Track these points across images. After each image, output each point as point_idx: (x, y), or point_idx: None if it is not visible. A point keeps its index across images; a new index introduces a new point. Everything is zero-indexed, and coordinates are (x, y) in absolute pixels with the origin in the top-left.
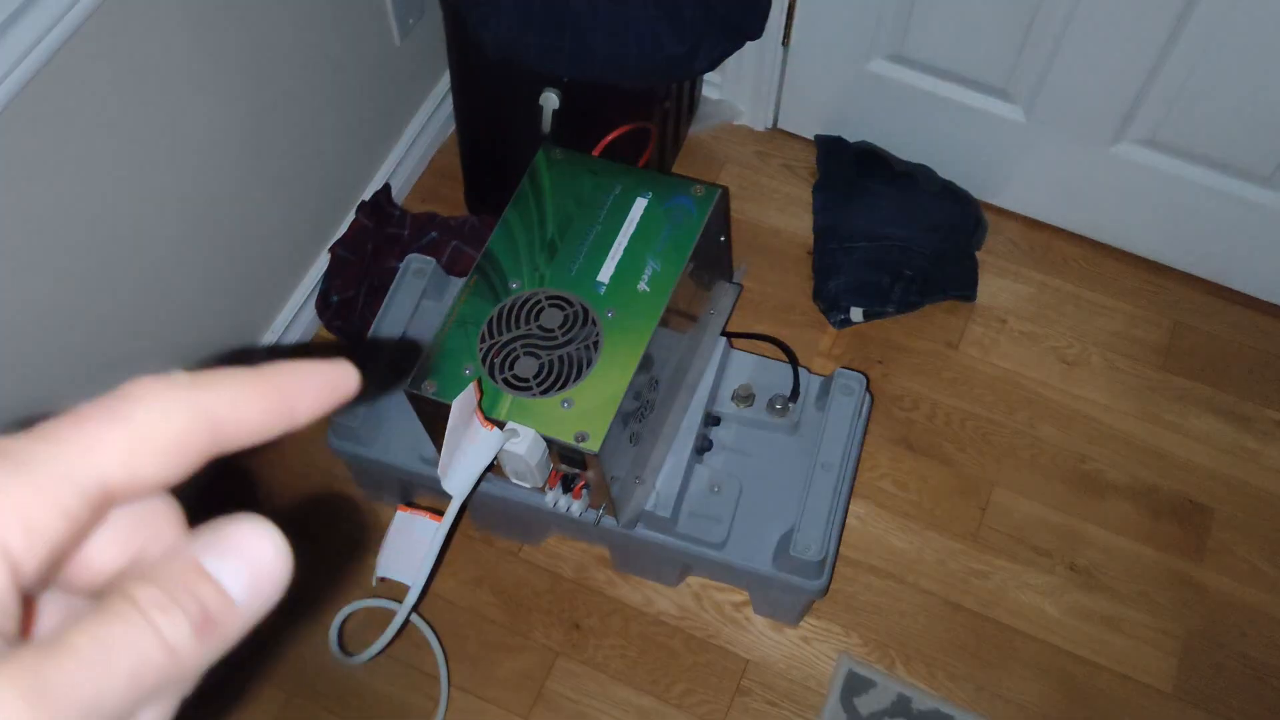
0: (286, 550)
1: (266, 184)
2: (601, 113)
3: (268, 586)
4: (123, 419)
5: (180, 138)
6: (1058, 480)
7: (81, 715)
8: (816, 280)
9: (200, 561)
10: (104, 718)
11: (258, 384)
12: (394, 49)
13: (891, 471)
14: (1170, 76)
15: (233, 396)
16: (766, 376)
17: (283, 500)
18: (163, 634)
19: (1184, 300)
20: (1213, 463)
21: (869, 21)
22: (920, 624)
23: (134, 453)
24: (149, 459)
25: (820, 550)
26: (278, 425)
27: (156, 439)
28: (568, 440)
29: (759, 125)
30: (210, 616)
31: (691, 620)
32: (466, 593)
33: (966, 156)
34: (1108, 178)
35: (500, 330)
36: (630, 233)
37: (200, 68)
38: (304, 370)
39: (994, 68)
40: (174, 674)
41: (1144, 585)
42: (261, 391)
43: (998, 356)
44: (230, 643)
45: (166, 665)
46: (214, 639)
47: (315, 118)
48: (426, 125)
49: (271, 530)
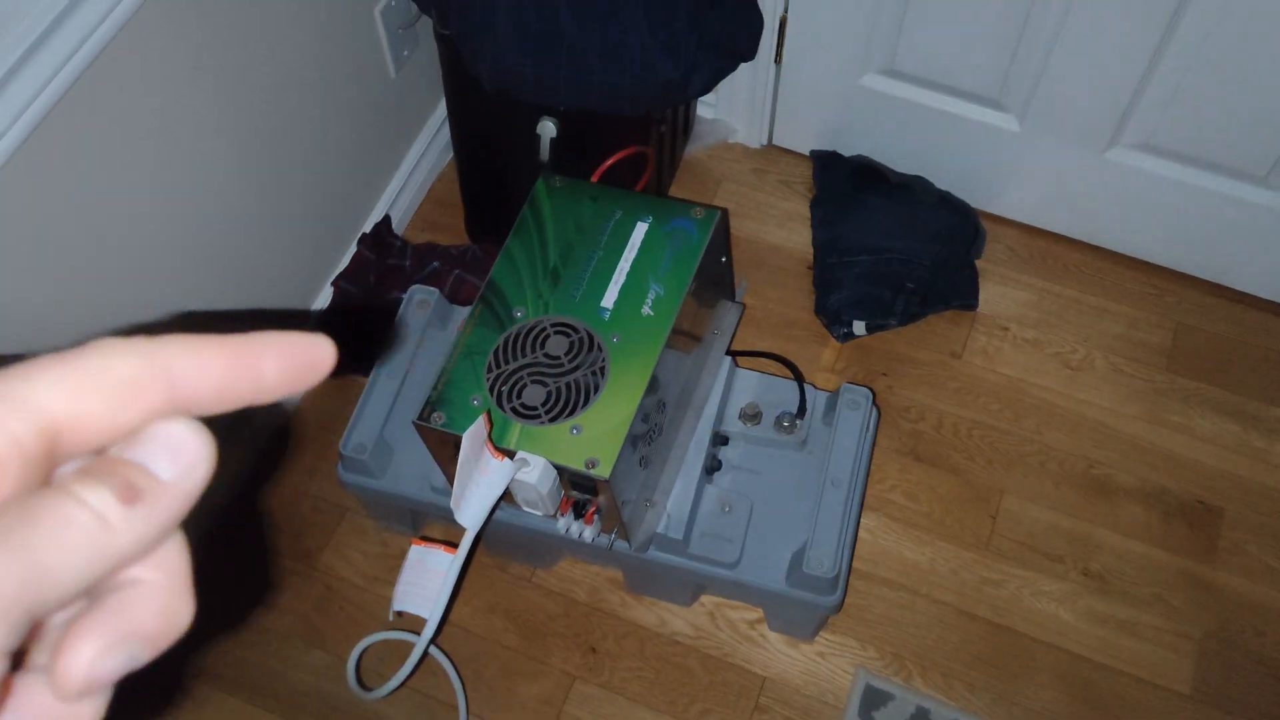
0: (201, 429)
1: (266, 219)
2: (599, 139)
3: (189, 460)
4: (74, 361)
5: (179, 177)
6: (1067, 486)
7: (17, 583)
8: (818, 295)
9: (120, 455)
10: (45, 587)
11: (222, 345)
12: (389, 81)
13: (901, 483)
14: (1162, 80)
15: (193, 353)
16: (772, 394)
17: (296, 535)
18: (87, 503)
19: (1185, 301)
20: (1221, 462)
21: (860, 37)
22: (936, 635)
23: (80, 389)
24: (95, 397)
25: (833, 566)
26: (244, 391)
27: (105, 379)
28: (578, 467)
29: (755, 143)
30: (133, 486)
31: (707, 639)
32: (481, 620)
33: (963, 166)
34: (1104, 183)
35: (506, 359)
36: (632, 257)
37: (196, 107)
38: (275, 338)
39: (986, 78)
40: (109, 542)
41: (1157, 588)
42: (226, 353)
43: (1002, 364)
44: (168, 516)
45: (96, 531)
46: (145, 509)
47: (313, 152)
48: (424, 155)
49: (185, 419)
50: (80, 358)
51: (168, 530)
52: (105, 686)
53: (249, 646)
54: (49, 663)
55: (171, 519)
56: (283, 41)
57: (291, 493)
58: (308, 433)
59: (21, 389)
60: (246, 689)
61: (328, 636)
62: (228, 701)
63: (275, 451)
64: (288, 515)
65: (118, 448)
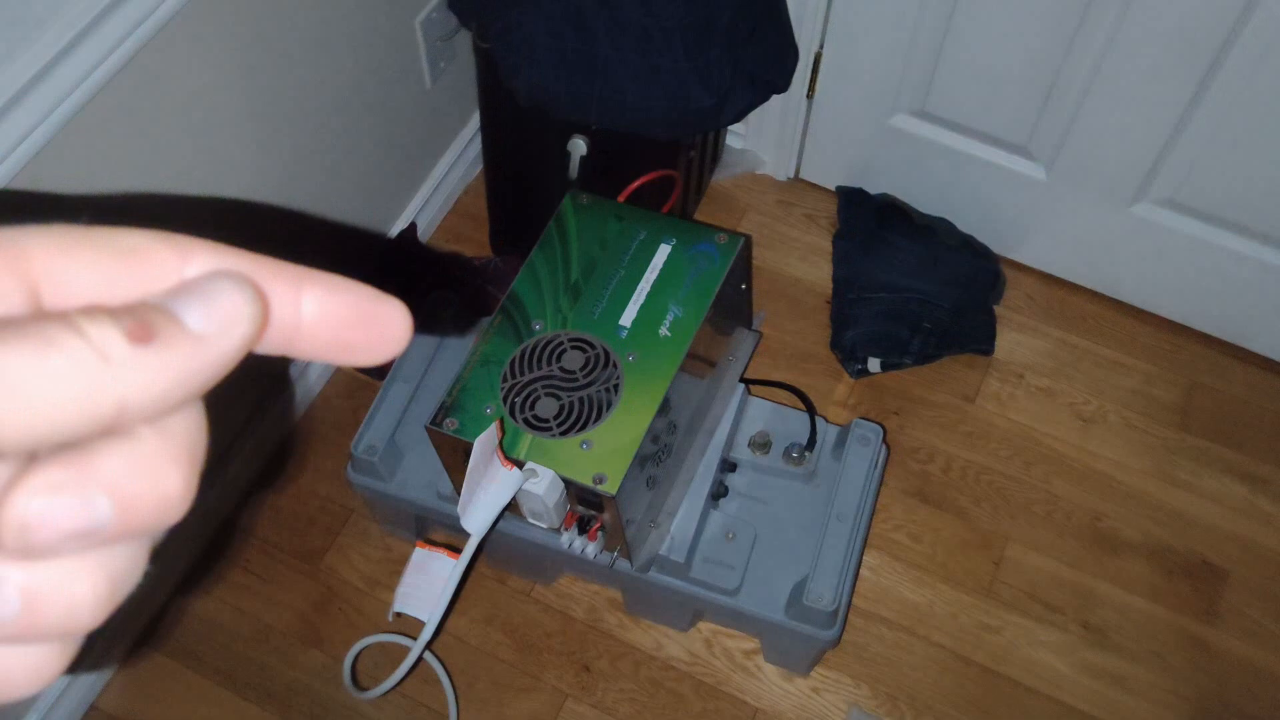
0: (250, 288)
1: (293, 223)
2: (628, 160)
3: (226, 314)
4: (80, 226)
5: (212, 178)
6: (1072, 537)
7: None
8: (834, 330)
9: (144, 300)
10: (14, 410)
11: (253, 256)
12: (425, 92)
13: (906, 523)
14: (1191, 139)
15: (215, 249)
16: (784, 424)
17: (301, 534)
18: (85, 331)
19: (1201, 360)
20: (1227, 524)
21: (893, 77)
22: (931, 677)
23: (74, 244)
24: (89, 255)
25: (833, 600)
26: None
27: (104, 242)
28: (586, 482)
29: (781, 175)
30: (148, 326)
31: (702, 666)
32: (478, 631)
33: (987, 212)
34: (1127, 237)
35: (522, 370)
36: (653, 278)
37: (230, 108)
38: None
39: (1016, 126)
40: (104, 381)
41: (1156, 645)
42: (254, 263)
43: (1014, 411)
44: (187, 371)
45: (90, 363)
46: (158, 354)
47: (344, 158)
48: (453, 166)
49: (235, 274)
50: (92, 227)
51: (185, 391)
52: (55, 541)
53: (248, 641)
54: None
55: (192, 376)
56: (321, 48)
57: (299, 492)
58: (320, 432)
59: (10, 232)
60: (240, 684)
61: (326, 637)
62: (221, 695)
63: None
64: (295, 514)
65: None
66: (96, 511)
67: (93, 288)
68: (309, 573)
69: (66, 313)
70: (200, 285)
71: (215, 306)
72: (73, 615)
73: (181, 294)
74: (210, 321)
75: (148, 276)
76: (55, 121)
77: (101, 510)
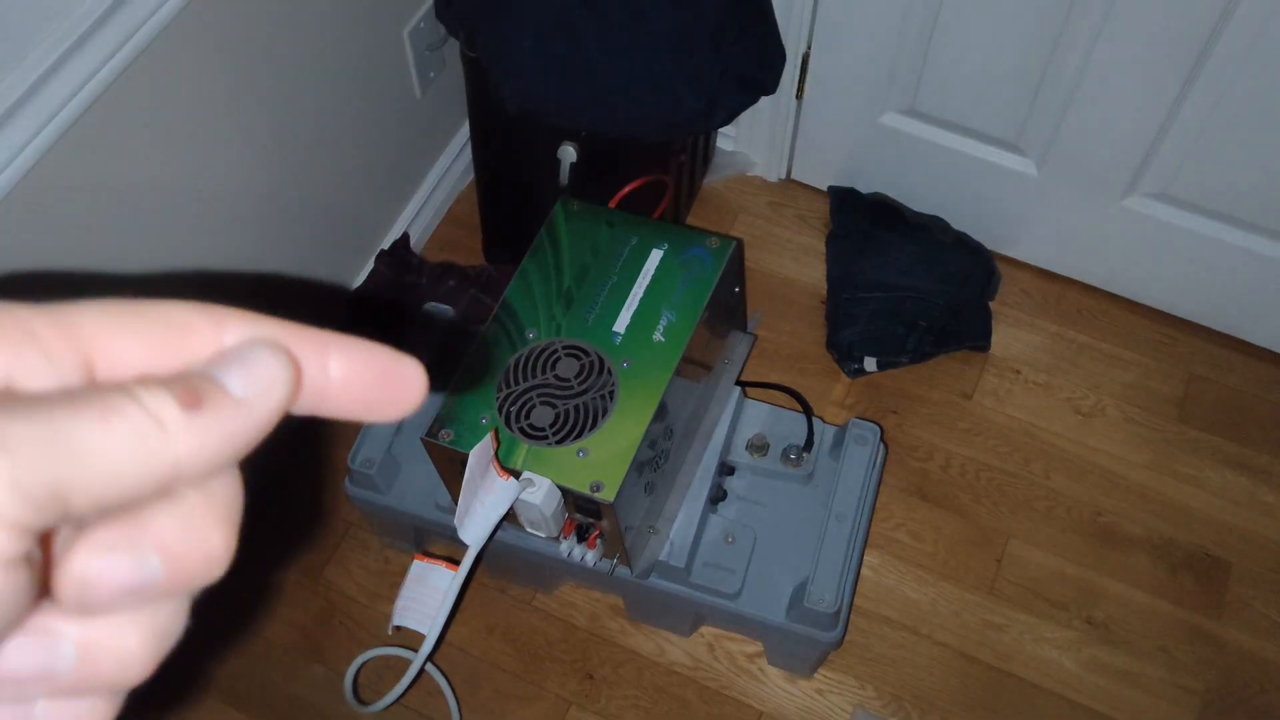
0: (284, 354)
1: (285, 233)
2: (619, 165)
3: (265, 379)
4: (128, 301)
5: (199, 188)
6: (1073, 532)
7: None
8: (830, 330)
9: (190, 369)
10: (79, 473)
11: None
12: (415, 101)
13: (906, 522)
14: (1180, 132)
15: (252, 320)
16: (781, 426)
17: (300, 548)
18: (141, 399)
19: (1199, 352)
20: (1230, 516)
21: (882, 76)
22: (936, 677)
23: (123, 320)
24: (139, 330)
25: (834, 601)
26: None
27: (152, 317)
28: (583, 490)
29: (773, 176)
30: (196, 393)
31: (705, 671)
32: (480, 641)
33: (979, 208)
34: (1120, 230)
35: (517, 379)
36: (646, 284)
37: (220, 118)
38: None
39: (1006, 122)
40: (160, 446)
41: (1162, 640)
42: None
43: (1012, 407)
44: (233, 434)
45: (146, 429)
46: (207, 420)
47: (336, 168)
48: (445, 175)
49: (270, 342)
50: (136, 300)
51: (232, 452)
52: (110, 597)
53: (250, 657)
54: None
55: (236, 439)
56: (311, 59)
57: (297, 506)
58: (317, 446)
59: (65, 307)
60: (243, 700)
61: (327, 650)
62: (225, 712)
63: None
64: (293, 528)
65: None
66: (148, 569)
67: (141, 358)
68: (309, 586)
69: (124, 383)
70: (239, 353)
71: (255, 373)
72: (124, 668)
73: (223, 362)
74: (251, 387)
75: (189, 346)
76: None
77: (153, 568)
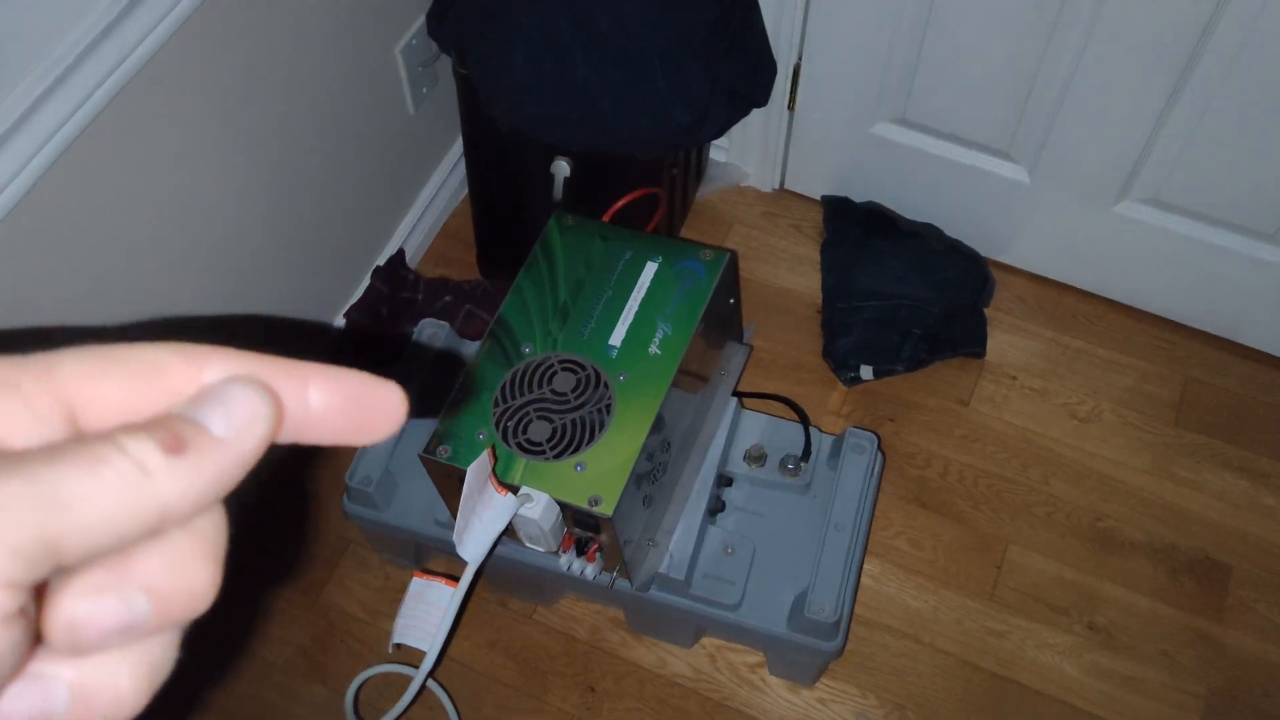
0: (263, 390)
1: (281, 250)
2: (612, 179)
3: (245, 418)
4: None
5: (194, 207)
6: (1073, 538)
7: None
8: (826, 339)
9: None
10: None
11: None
12: (408, 117)
13: (905, 530)
14: (1170, 137)
15: (231, 357)
16: (778, 436)
17: (300, 567)
18: (125, 446)
19: (1195, 356)
20: (1229, 519)
21: (873, 86)
22: (938, 685)
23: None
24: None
25: (835, 611)
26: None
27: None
28: (581, 504)
29: (766, 187)
30: (179, 437)
31: (707, 682)
32: (481, 656)
33: (972, 216)
34: (1113, 236)
35: (513, 394)
36: (641, 297)
37: (215, 136)
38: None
39: (996, 130)
40: (146, 491)
41: (1164, 644)
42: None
43: (1009, 413)
44: (217, 474)
45: (131, 475)
46: (190, 463)
47: (330, 185)
48: (439, 191)
49: (248, 379)
50: (113, 345)
51: (216, 490)
52: (99, 638)
53: (249, 679)
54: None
55: (220, 478)
56: (304, 77)
57: (296, 524)
58: (315, 464)
59: (44, 358)
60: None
61: (328, 670)
62: None
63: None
64: (292, 547)
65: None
66: (136, 609)
67: (122, 402)
68: (309, 605)
69: (109, 433)
70: (219, 393)
71: (235, 411)
72: (118, 705)
73: (203, 403)
74: (232, 425)
75: (169, 387)
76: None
77: (140, 607)
